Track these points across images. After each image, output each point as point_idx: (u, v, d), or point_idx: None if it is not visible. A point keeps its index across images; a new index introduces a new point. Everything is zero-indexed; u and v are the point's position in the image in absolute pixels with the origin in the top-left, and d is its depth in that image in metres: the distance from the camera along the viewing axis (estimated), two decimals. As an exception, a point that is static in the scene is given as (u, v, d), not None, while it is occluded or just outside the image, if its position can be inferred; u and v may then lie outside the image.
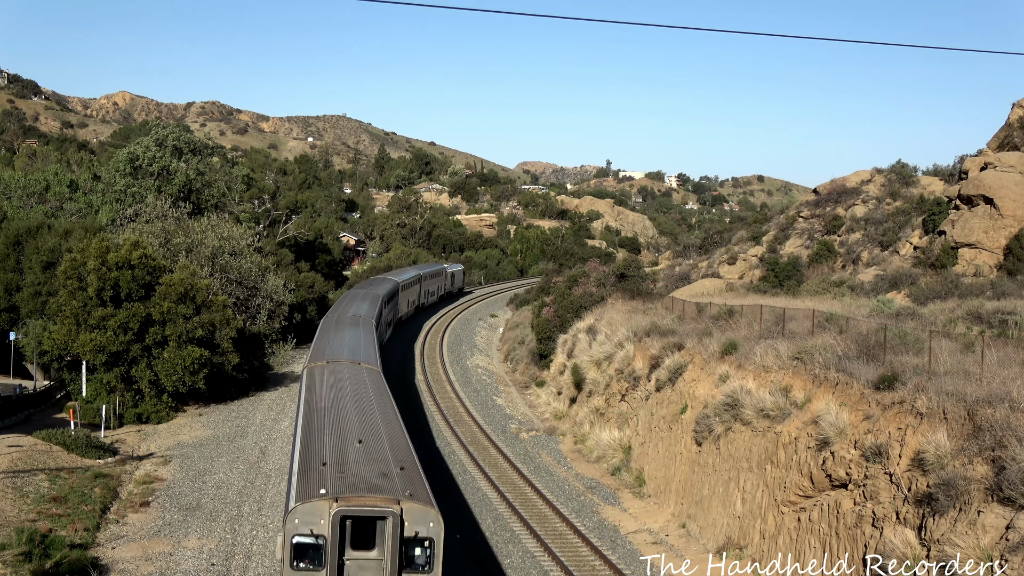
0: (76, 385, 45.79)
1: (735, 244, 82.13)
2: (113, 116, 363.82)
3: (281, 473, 34.36)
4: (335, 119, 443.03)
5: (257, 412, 45.65)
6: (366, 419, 25.02)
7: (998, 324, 29.17)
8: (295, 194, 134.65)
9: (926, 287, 42.27)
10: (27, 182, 75.80)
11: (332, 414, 25.33)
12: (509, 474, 36.37)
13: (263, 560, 25.67)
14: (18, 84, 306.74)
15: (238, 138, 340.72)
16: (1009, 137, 54.19)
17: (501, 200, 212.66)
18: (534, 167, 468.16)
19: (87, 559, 24.01)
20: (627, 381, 40.24)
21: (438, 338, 76.21)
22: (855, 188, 73.66)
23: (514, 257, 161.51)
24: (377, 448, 21.93)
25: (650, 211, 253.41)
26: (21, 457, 31.88)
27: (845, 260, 61.90)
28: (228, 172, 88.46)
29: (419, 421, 45.64)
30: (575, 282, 64.50)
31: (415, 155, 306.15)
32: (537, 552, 27.44)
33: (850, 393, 23.51)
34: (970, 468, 17.93)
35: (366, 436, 22.66)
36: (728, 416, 28.59)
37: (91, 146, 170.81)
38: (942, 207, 53.08)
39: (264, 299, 60.35)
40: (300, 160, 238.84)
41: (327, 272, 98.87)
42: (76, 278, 43.35)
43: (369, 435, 22.92)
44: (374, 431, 23.60)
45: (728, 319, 35.96)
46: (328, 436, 22.69)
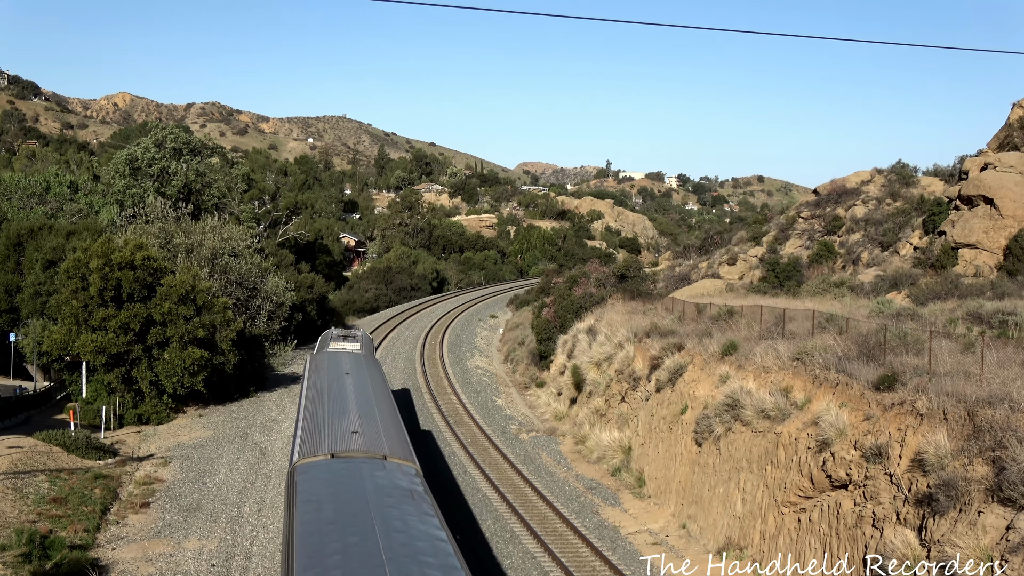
0: (76, 386, 45.77)
1: (735, 245, 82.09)
2: (113, 117, 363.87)
3: (281, 474, 34.36)
4: (335, 120, 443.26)
5: (257, 413, 45.65)
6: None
7: (998, 324, 29.14)
8: (295, 195, 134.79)
9: (926, 287, 42.22)
10: (27, 183, 75.82)
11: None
12: (509, 475, 36.37)
13: (263, 561, 25.66)
14: (18, 85, 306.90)
15: (238, 139, 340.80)
16: (1009, 137, 54.16)
17: (501, 201, 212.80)
18: (534, 168, 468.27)
19: (87, 560, 24.00)
20: (627, 382, 40.23)
21: (438, 339, 76.24)
22: (855, 188, 73.61)
23: (514, 258, 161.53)
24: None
25: (650, 212, 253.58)
26: (21, 458, 31.87)
27: (845, 261, 61.87)
28: (228, 173, 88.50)
29: (419, 421, 45.65)
30: (575, 283, 64.50)
31: (415, 156, 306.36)
32: (537, 553, 27.44)
33: (850, 394, 23.51)
34: (970, 468, 17.92)
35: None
36: (728, 417, 28.58)
37: (91, 147, 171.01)
38: (942, 207, 53.06)
39: (264, 300, 60.37)
40: (300, 161, 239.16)
41: (327, 273, 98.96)
42: (79, 278, 43.36)
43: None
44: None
45: (728, 320, 35.94)
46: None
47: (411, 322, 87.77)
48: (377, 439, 22.76)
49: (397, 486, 18.49)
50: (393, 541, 15.08)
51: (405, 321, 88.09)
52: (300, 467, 19.84)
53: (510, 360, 69.64)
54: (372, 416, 25.40)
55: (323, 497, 17.66)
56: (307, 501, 17.38)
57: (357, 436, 22.63)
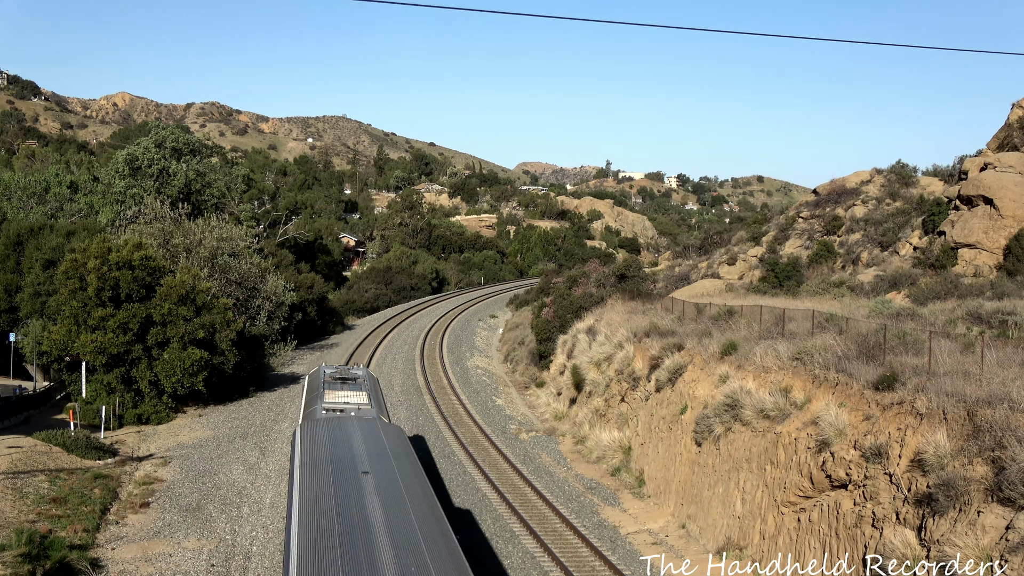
0: (76, 386, 45.77)
1: (735, 245, 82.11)
2: (113, 117, 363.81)
3: (281, 474, 34.37)
4: (335, 120, 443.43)
5: (257, 413, 45.67)
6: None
7: (998, 324, 29.13)
8: (295, 195, 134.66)
9: (926, 287, 42.21)
10: (27, 183, 75.82)
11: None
12: (509, 475, 36.36)
13: (263, 560, 25.67)
14: (18, 85, 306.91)
15: (238, 139, 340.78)
16: (1009, 137, 54.18)
17: (501, 201, 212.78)
18: (534, 167, 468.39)
19: (87, 560, 24.00)
20: (627, 382, 40.23)
21: (438, 338, 76.25)
22: (855, 188, 73.63)
23: (513, 258, 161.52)
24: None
25: (650, 212, 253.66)
26: (21, 458, 31.86)
27: (845, 260, 61.87)
28: (228, 173, 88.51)
29: (419, 421, 45.65)
30: (575, 283, 64.52)
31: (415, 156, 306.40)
32: (537, 553, 27.43)
33: (850, 393, 23.51)
34: (970, 468, 17.92)
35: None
36: (728, 417, 28.58)
37: (91, 147, 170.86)
38: (942, 207, 53.07)
39: (264, 300, 60.38)
40: (300, 161, 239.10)
41: (327, 273, 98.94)
42: (77, 278, 43.35)
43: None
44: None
45: (728, 320, 35.93)
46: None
47: (411, 322, 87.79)
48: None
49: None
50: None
51: (405, 321, 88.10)
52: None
53: (510, 360, 69.64)
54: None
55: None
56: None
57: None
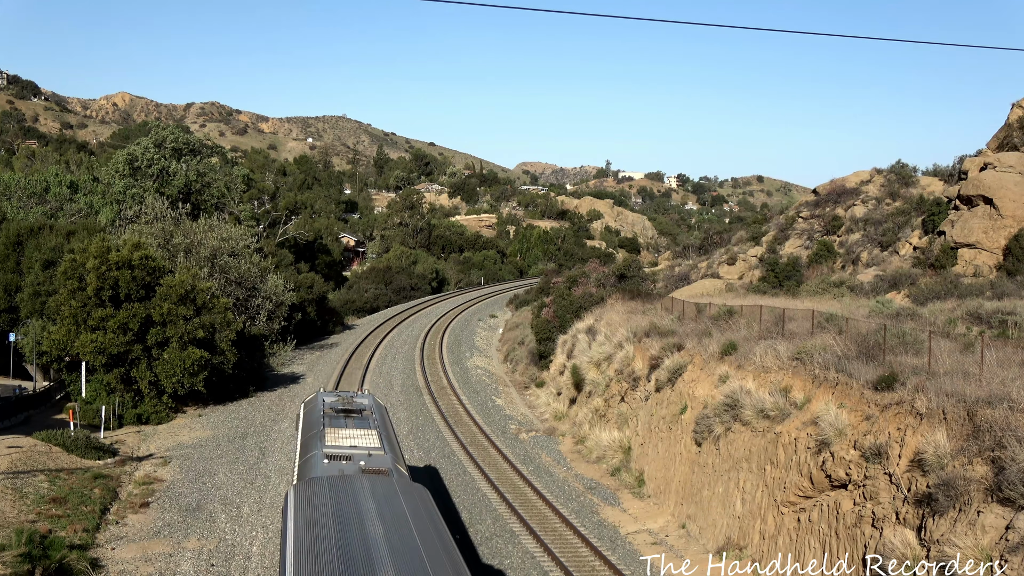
0: (76, 386, 45.77)
1: (735, 244, 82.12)
2: (112, 117, 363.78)
3: (281, 474, 34.36)
4: (334, 120, 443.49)
5: (257, 413, 45.67)
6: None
7: (998, 324, 29.14)
8: (295, 195, 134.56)
9: (925, 287, 42.22)
10: (27, 183, 75.82)
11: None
12: (509, 475, 36.36)
13: (263, 561, 25.67)
14: (17, 85, 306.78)
15: (237, 139, 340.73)
16: (1009, 137, 54.20)
17: (501, 200, 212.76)
18: (534, 167, 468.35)
19: (87, 560, 24.00)
20: (627, 382, 40.23)
21: (438, 338, 76.26)
22: (855, 188, 73.63)
23: (513, 258, 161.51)
24: None
25: (649, 211, 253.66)
26: (21, 458, 31.86)
27: (845, 260, 61.88)
28: (228, 172, 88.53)
29: (419, 421, 45.65)
30: (575, 283, 64.54)
31: (414, 155, 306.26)
32: (537, 552, 27.43)
33: (850, 393, 23.51)
34: (970, 468, 17.92)
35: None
36: (728, 416, 28.59)
37: (90, 147, 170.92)
38: (942, 207, 53.07)
39: (264, 300, 60.38)
40: (300, 161, 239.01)
41: (327, 273, 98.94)
42: (76, 278, 43.33)
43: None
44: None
45: (728, 319, 35.93)
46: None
47: (411, 322, 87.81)
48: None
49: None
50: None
51: (405, 321, 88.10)
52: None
53: (510, 360, 69.64)
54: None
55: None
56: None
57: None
